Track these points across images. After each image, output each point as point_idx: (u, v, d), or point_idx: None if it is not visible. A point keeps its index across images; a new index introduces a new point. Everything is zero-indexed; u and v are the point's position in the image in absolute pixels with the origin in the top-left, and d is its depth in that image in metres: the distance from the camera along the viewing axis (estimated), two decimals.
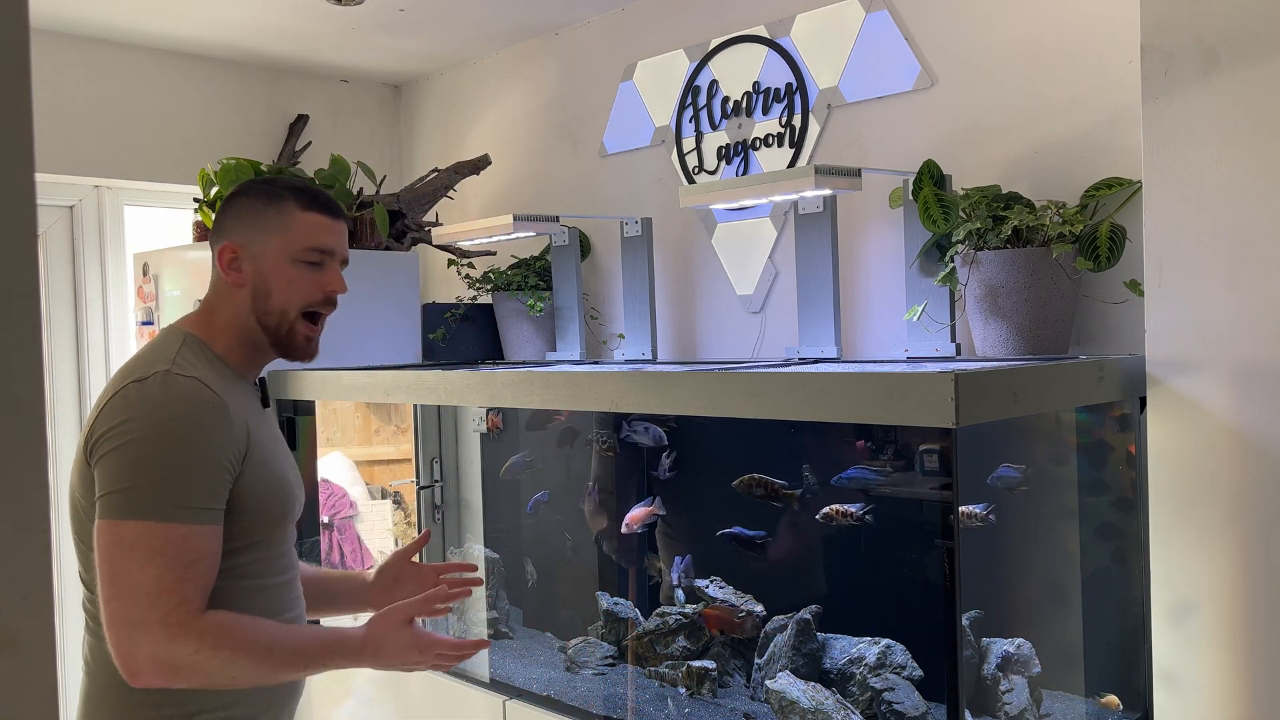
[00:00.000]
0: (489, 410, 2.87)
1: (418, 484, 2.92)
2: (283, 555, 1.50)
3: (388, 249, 3.11)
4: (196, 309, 1.53)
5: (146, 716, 1.36)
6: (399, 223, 3.18)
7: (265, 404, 1.55)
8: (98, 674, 1.39)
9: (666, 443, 2.43)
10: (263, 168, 3.00)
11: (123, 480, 1.30)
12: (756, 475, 2.11)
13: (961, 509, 1.98)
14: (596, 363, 2.78)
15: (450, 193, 3.33)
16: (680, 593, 2.35)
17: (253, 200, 1.49)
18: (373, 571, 1.73)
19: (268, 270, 1.46)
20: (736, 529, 2.23)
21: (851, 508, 2.01)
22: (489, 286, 3.07)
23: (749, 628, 2.22)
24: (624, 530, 2.45)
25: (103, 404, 1.36)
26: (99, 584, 1.30)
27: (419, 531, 2.90)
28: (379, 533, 3.01)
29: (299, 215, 1.48)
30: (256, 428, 1.44)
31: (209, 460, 1.33)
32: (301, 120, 3.64)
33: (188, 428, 1.33)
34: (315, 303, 1.49)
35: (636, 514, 2.43)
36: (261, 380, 1.57)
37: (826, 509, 2.04)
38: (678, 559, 2.38)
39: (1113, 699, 1.92)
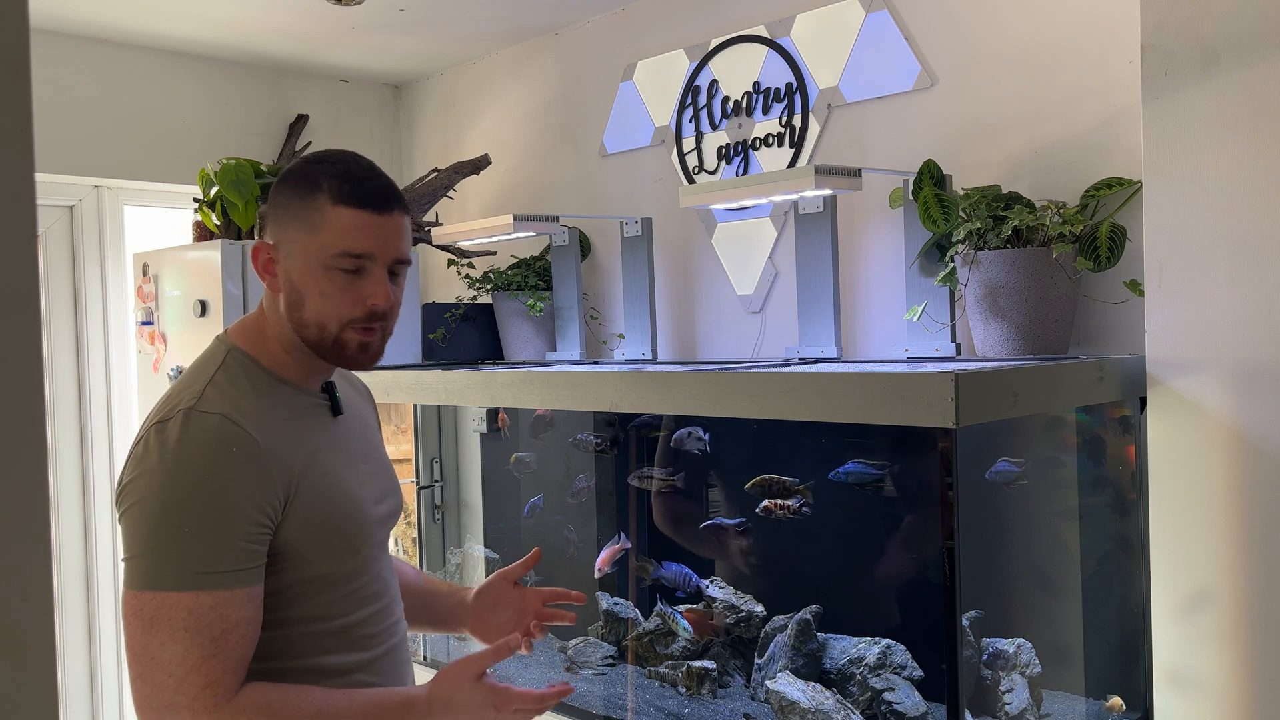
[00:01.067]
0: (499, 410, 2.87)
1: (418, 484, 2.92)
2: (364, 586, 1.30)
3: None
4: (253, 311, 1.33)
5: None
6: None
7: (337, 412, 1.34)
8: None
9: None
10: (262, 167, 3.00)
11: (140, 544, 1.14)
12: (767, 476, 2.12)
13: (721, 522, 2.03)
14: (596, 363, 2.78)
15: (450, 193, 3.33)
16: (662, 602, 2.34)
17: (287, 189, 1.26)
18: (472, 593, 1.55)
19: (297, 277, 1.24)
20: (719, 519, 2.23)
21: (789, 501, 2.05)
22: (489, 286, 3.07)
23: (723, 627, 2.24)
24: (596, 574, 2.46)
25: (130, 449, 1.21)
26: (126, 658, 1.15)
27: (418, 531, 2.90)
28: None
29: (330, 211, 1.22)
30: (314, 452, 1.25)
31: (236, 515, 1.15)
32: (301, 120, 3.64)
33: (209, 479, 1.15)
34: (358, 318, 1.25)
35: (605, 555, 2.44)
36: (330, 384, 1.35)
37: (765, 503, 2.08)
38: (668, 565, 2.36)
39: (1117, 701, 1.92)
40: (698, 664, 2.21)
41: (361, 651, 1.30)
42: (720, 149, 2.81)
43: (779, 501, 2.05)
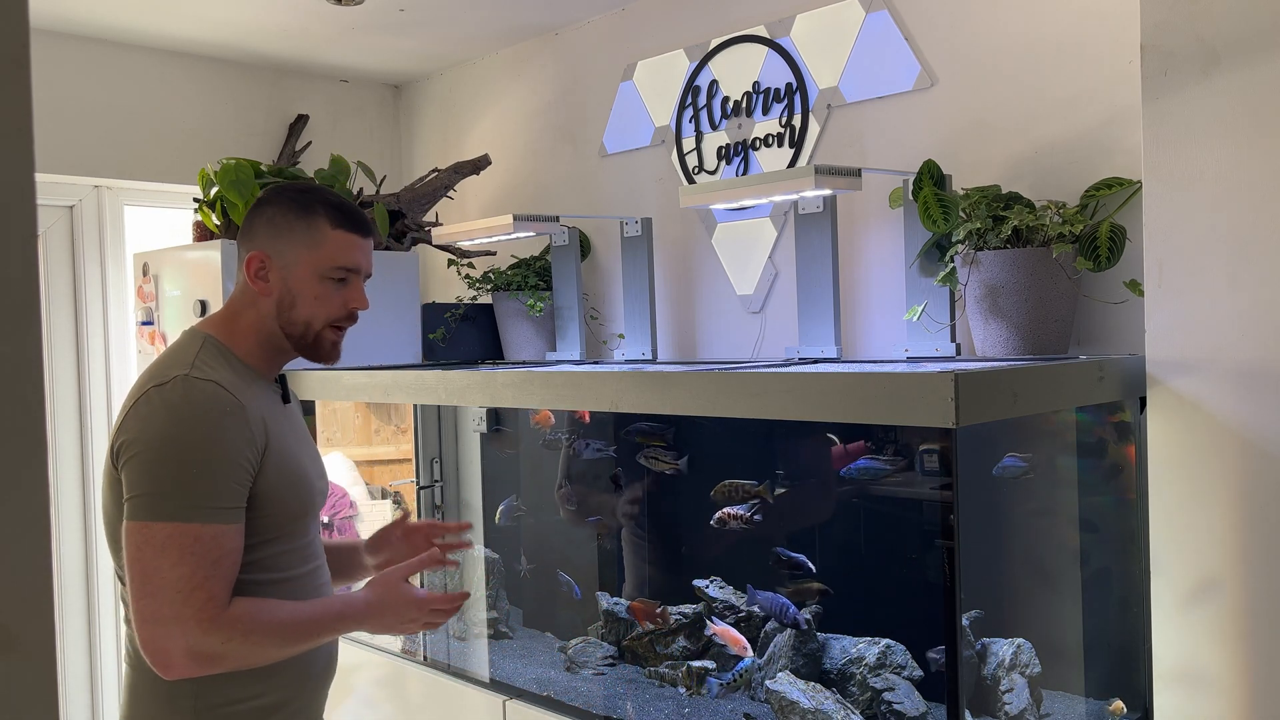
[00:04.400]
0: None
1: (418, 484, 2.92)
2: (306, 547, 1.55)
3: (388, 249, 3.11)
4: (219, 310, 1.57)
5: (184, 706, 1.43)
6: (399, 223, 3.18)
7: (286, 400, 1.60)
8: (139, 664, 1.43)
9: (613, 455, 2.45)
10: (263, 167, 3.00)
11: (150, 484, 1.36)
12: (729, 481, 2.14)
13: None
14: (596, 363, 2.78)
15: (450, 193, 3.33)
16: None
17: (284, 210, 1.52)
18: (367, 540, 1.83)
19: (294, 283, 1.51)
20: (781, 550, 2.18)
21: (741, 510, 2.10)
22: (489, 286, 3.07)
23: (669, 622, 2.30)
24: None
25: (127, 409, 1.42)
26: (129, 583, 1.36)
27: None
28: None
29: (330, 233, 1.52)
30: (275, 425, 1.49)
31: (229, 461, 1.39)
32: (301, 120, 3.64)
33: (208, 430, 1.38)
34: (338, 318, 1.55)
35: (724, 630, 2.37)
36: (281, 377, 1.61)
37: (720, 513, 2.12)
38: (762, 594, 2.26)
39: (1119, 705, 1.92)
40: (698, 664, 2.21)
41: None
42: (720, 149, 2.81)
43: (731, 511, 2.11)
